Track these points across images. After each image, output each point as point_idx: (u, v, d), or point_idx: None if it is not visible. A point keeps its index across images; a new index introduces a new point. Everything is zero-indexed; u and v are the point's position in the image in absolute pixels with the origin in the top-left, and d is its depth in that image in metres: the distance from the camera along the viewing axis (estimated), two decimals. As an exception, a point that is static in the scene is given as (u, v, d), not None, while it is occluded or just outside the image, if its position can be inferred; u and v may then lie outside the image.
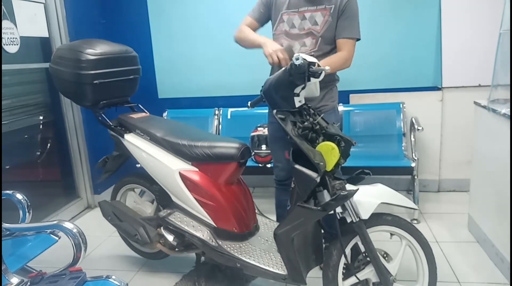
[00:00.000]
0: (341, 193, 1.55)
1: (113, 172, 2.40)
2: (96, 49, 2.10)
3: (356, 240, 1.67)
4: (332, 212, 1.61)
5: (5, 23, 2.65)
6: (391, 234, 1.73)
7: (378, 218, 1.67)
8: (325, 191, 1.60)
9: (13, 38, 2.72)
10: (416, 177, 2.91)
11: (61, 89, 2.30)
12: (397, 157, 3.09)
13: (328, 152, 1.54)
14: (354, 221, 1.62)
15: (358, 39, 2.01)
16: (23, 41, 2.80)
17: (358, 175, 1.70)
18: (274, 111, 1.65)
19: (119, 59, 2.22)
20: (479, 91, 2.99)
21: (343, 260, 1.70)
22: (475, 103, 2.49)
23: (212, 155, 1.91)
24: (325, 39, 1.99)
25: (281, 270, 1.78)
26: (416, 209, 1.77)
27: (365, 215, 1.60)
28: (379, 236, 1.73)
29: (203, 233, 1.96)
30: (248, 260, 1.85)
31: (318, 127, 1.61)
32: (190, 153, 1.96)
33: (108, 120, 2.24)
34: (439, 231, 2.69)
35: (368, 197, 1.60)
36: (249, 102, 1.84)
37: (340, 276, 1.71)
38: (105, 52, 2.13)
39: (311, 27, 1.99)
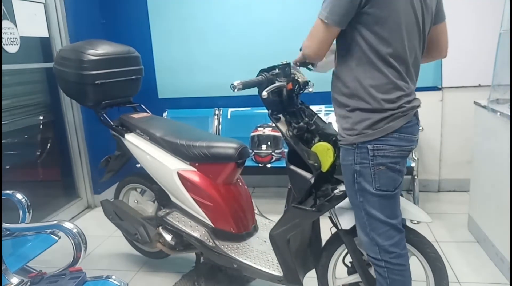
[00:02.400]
0: (336, 194, 1.53)
1: (116, 172, 2.41)
2: (98, 50, 2.12)
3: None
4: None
5: (5, 23, 2.65)
6: None
7: None
8: (330, 189, 1.57)
9: (13, 38, 2.72)
10: (416, 177, 2.91)
11: (64, 89, 2.33)
12: (397, 157, 3.09)
13: (324, 153, 1.51)
14: (340, 228, 1.59)
15: (326, 22, 1.32)
16: (23, 41, 2.80)
17: None
18: (269, 111, 1.63)
19: (121, 59, 2.23)
20: (479, 91, 2.98)
21: (333, 262, 1.70)
22: (475, 103, 2.49)
23: (209, 155, 1.91)
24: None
25: (277, 272, 1.77)
26: (416, 223, 1.52)
27: (345, 226, 1.56)
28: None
29: (200, 233, 1.96)
30: (244, 261, 1.85)
31: (314, 127, 1.58)
32: (188, 153, 1.96)
33: (109, 120, 2.25)
34: (439, 231, 2.69)
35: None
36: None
37: (330, 276, 1.72)
38: (107, 53, 2.15)
39: None
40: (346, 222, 1.56)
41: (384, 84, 1.34)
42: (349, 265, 1.73)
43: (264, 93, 1.51)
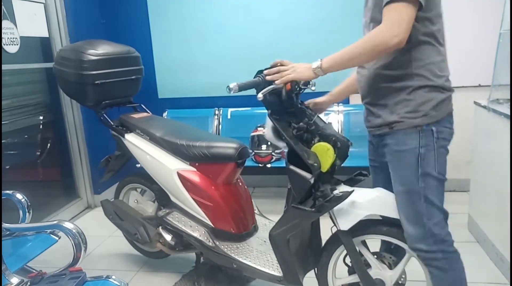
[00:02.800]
0: (336, 195, 1.51)
1: (116, 172, 2.42)
2: (98, 50, 2.13)
3: (358, 240, 1.63)
4: None
5: (5, 23, 2.65)
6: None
7: (371, 226, 1.58)
8: (329, 189, 1.56)
9: (13, 38, 2.72)
10: (416, 177, 2.90)
11: (64, 89, 2.33)
12: (397, 157, 3.09)
13: (323, 153, 1.50)
14: (338, 229, 1.58)
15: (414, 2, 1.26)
16: (23, 41, 2.80)
17: (356, 177, 1.67)
18: (269, 111, 1.62)
19: (121, 59, 2.23)
20: (479, 91, 2.99)
21: (333, 262, 1.70)
22: (475, 103, 2.49)
23: (209, 155, 1.91)
24: (374, 20, 1.41)
25: (277, 272, 1.77)
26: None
27: (344, 227, 1.55)
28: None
29: (200, 233, 1.96)
30: (244, 261, 1.85)
31: (313, 127, 1.57)
32: (188, 153, 1.96)
33: (109, 120, 2.26)
34: (439, 231, 2.69)
35: (354, 207, 1.51)
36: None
37: (330, 276, 1.72)
38: (107, 53, 2.15)
39: (365, 19, 1.51)
40: (345, 222, 1.55)
41: (440, 61, 1.41)
42: (350, 264, 1.72)
43: (260, 95, 1.49)
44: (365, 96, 1.54)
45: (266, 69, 1.58)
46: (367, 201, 1.53)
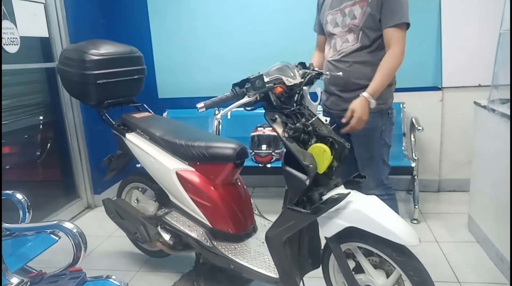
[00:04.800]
0: (332, 197, 1.50)
1: (118, 171, 2.42)
2: (100, 50, 2.14)
3: (348, 245, 1.60)
4: None
5: (5, 23, 2.65)
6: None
7: (358, 235, 1.50)
8: (317, 194, 1.54)
9: (13, 38, 2.72)
10: (416, 177, 2.91)
11: (68, 89, 2.35)
12: (397, 157, 3.09)
13: (320, 154, 1.47)
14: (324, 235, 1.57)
15: (408, 24, 1.84)
16: (23, 41, 2.80)
17: (354, 179, 1.65)
18: (265, 112, 1.60)
19: (123, 59, 2.24)
20: (479, 91, 2.98)
21: (332, 261, 1.68)
22: (475, 103, 2.49)
23: (207, 155, 1.91)
24: (365, 31, 1.90)
25: (273, 274, 1.75)
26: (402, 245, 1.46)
27: (326, 234, 1.55)
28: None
29: (198, 233, 1.95)
30: (241, 262, 1.84)
31: (311, 128, 1.54)
32: (186, 153, 1.96)
33: (111, 120, 2.26)
34: (439, 231, 2.69)
35: (337, 216, 1.48)
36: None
37: (332, 274, 1.71)
38: (109, 53, 2.16)
39: (351, 21, 1.93)
40: (326, 230, 1.54)
41: None
42: (355, 262, 1.70)
43: (218, 117, 1.51)
44: (338, 85, 1.99)
45: (241, 81, 1.54)
46: (352, 211, 1.47)
